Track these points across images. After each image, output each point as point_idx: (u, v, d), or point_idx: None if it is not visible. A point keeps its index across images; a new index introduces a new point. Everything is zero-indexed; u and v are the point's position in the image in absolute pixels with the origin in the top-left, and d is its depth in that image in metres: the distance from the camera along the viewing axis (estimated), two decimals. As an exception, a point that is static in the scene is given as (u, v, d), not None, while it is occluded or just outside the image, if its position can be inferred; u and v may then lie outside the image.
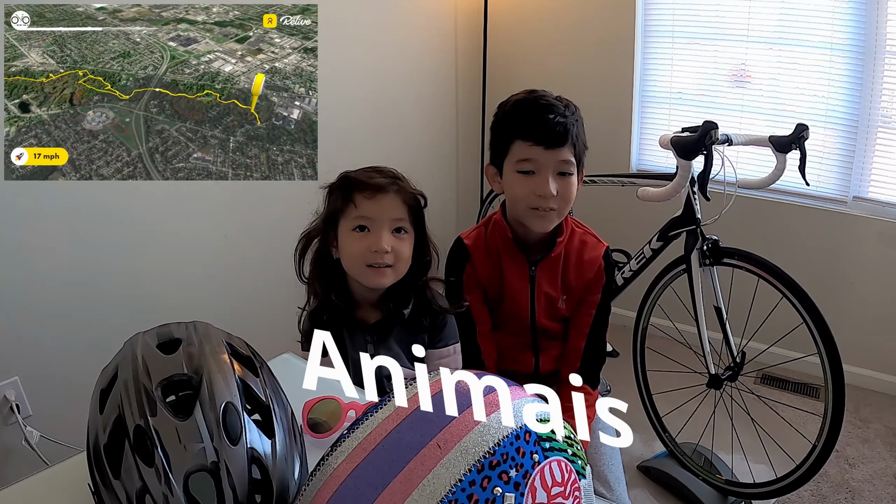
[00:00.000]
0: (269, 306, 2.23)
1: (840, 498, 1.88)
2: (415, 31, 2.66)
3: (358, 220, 1.10)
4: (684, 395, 1.91)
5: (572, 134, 1.18)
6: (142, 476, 0.60)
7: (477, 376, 0.61)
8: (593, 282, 1.31)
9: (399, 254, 1.10)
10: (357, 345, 1.17)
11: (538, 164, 1.18)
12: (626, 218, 2.36)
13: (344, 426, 0.85)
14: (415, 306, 1.17)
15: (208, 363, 0.67)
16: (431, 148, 2.84)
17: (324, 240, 1.16)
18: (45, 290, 1.74)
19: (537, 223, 1.22)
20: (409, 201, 1.12)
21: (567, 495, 0.56)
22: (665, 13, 2.51)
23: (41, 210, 1.69)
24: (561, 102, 1.20)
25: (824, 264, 2.36)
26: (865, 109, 2.20)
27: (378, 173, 1.12)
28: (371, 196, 1.09)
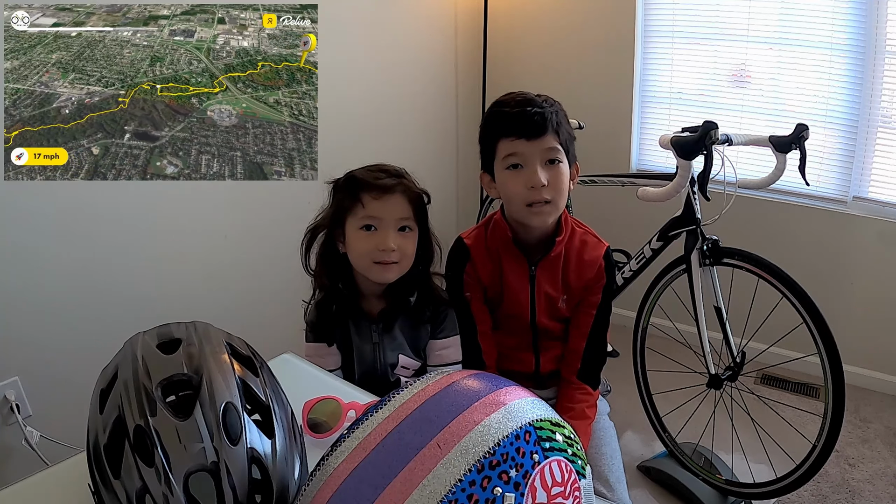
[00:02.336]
0: (269, 306, 2.24)
1: (840, 498, 1.88)
2: (415, 31, 2.66)
3: (365, 219, 1.14)
4: (684, 395, 1.91)
5: (552, 122, 1.18)
6: (142, 476, 0.60)
7: (477, 376, 0.61)
8: (594, 282, 1.31)
9: (404, 251, 1.15)
10: (362, 334, 1.22)
11: (524, 156, 1.19)
12: (626, 218, 2.36)
13: (344, 426, 0.85)
14: (418, 296, 1.21)
15: (208, 363, 0.67)
16: (431, 148, 2.84)
17: (330, 234, 1.20)
18: (45, 290, 1.74)
19: (535, 219, 1.22)
20: (413, 200, 1.17)
21: (567, 495, 0.56)
22: (665, 13, 2.51)
23: (41, 210, 1.69)
24: (539, 97, 1.22)
25: (824, 264, 2.36)
26: (865, 109, 2.20)
27: (385, 173, 1.16)
28: (378, 196, 1.14)
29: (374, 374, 1.22)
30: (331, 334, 1.21)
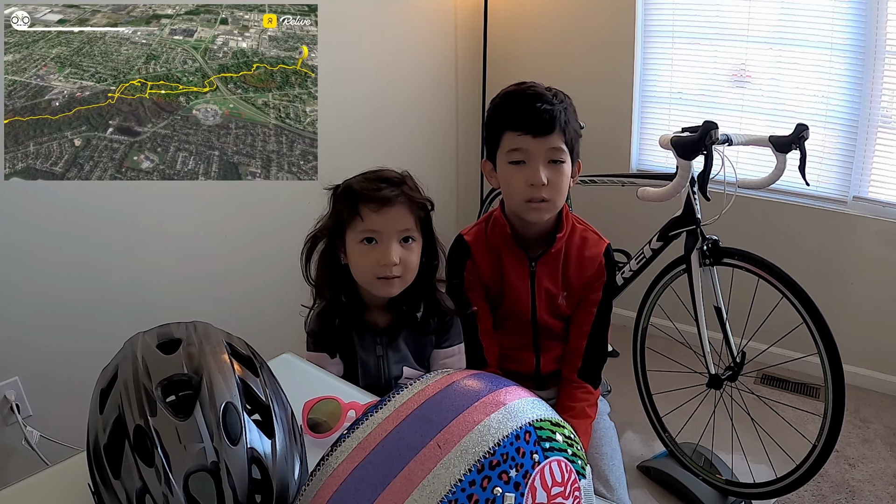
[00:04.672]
0: (269, 306, 2.24)
1: (840, 498, 1.88)
2: (415, 31, 2.66)
3: (365, 232, 1.08)
4: (684, 395, 1.91)
5: (560, 121, 1.17)
6: (142, 476, 0.60)
7: (477, 376, 0.61)
8: (594, 279, 1.31)
9: (407, 264, 1.10)
10: (366, 346, 1.18)
11: (528, 153, 1.18)
12: (626, 218, 2.36)
13: (344, 426, 0.85)
14: (424, 309, 1.17)
15: (208, 363, 0.67)
16: (431, 148, 2.84)
17: (330, 243, 1.15)
18: (46, 290, 1.74)
19: (532, 214, 1.22)
20: (416, 209, 1.11)
21: (567, 495, 0.56)
22: (665, 13, 2.51)
23: (41, 210, 1.69)
24: (549, 91, 1.20)
25: (824, 264, 2.36)
26: (865, 109, 2.20)
27: (385, 182, 1.09)
28: (377, 209, 1.07)
29: (377, 385, 1.18)
30: (333, 345, 1.17)
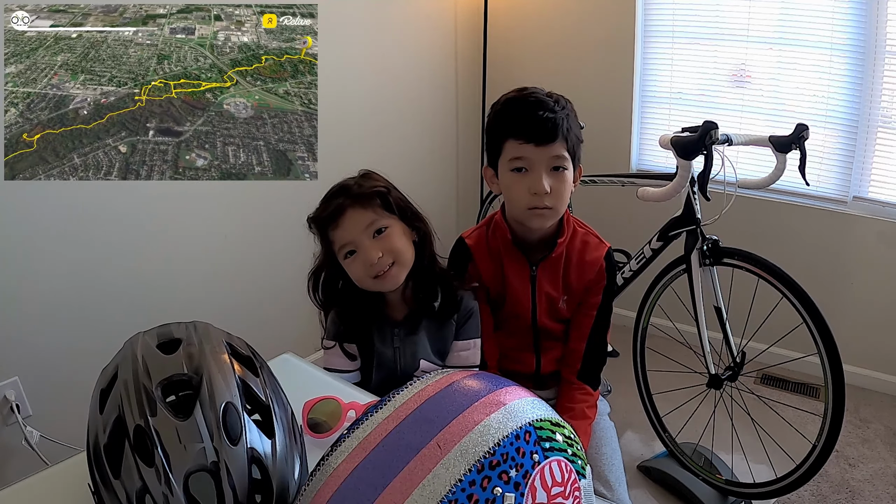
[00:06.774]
0: (269, 306, 2.24)
1: (840, 498, 1.88)
2: (415, 31, 2.66)
3: (343, 248, 1.12)
4: (684, 395, 1.91)
5: (563, 129, 1.17)
6: (142, 476, 0.60)
7: (477, 376, 0.61)
8: (594, 283, 1.31)
9: (393, 251, 1.12)
10: (384, 338, 1.19)
11: (530, 161, 1.18)
12: (626, 218, 2.36)
13: (344, 426, 0.85)
14: (443, 298, 1.19)
15: (208, 363, 0.67)
16: (431, 148, 2.84)
17: (331, 271, 1.18)
18: (46, 290, 1.74)
19: (534, 221, 1.22)
20: (372, 202, 1.12)
21: (567, 495, 0.56)
22: (665, 13, 2.50)
23: (41, 210, 1.69)
24: (551, 98, 1.20)
25: (824, 264, 2.36)
26: (865, 109, 2.20)
27: (333, 195, 1.13)
28: (336, 225, 1.11)
29: (392, 378, 1.19)
30: (353, 337, 1.19)
